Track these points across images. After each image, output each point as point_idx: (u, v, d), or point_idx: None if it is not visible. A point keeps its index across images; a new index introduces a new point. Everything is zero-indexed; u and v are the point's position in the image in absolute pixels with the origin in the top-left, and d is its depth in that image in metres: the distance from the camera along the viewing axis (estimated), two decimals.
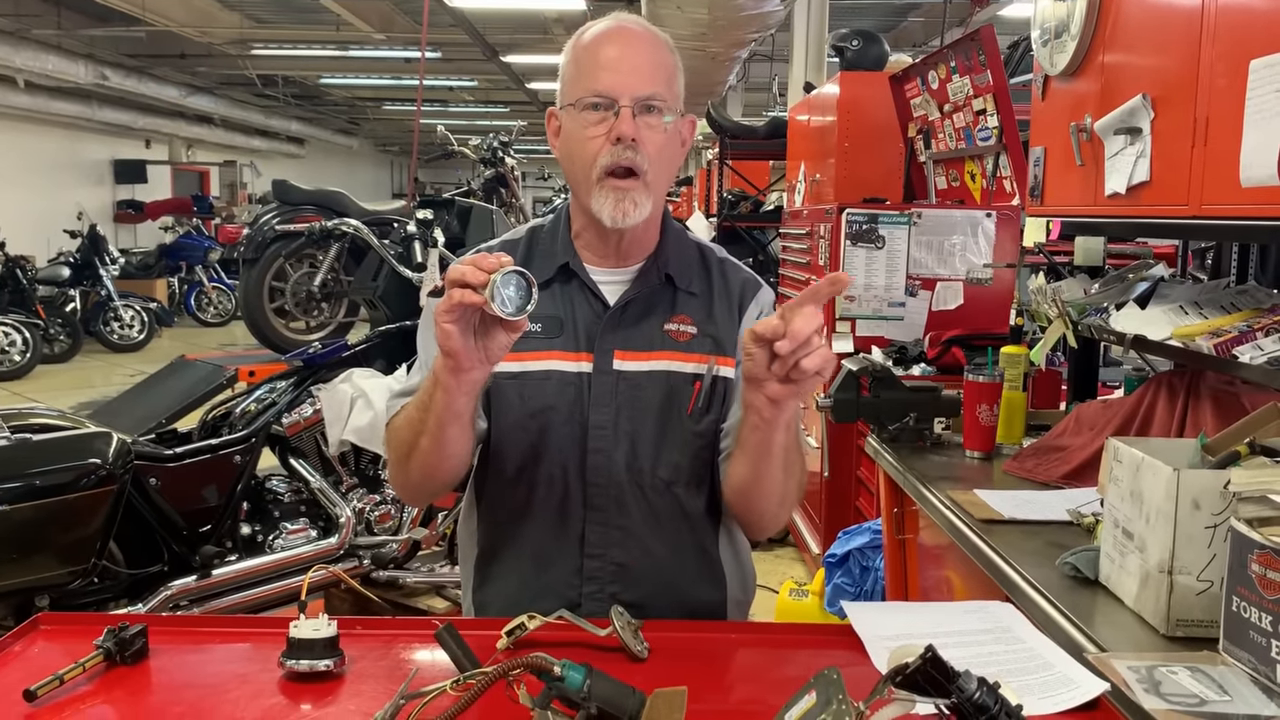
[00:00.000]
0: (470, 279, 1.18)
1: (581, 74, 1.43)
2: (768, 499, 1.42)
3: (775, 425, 1.27)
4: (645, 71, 1.41)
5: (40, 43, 11.50)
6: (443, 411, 1.30)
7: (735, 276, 1.55)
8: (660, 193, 1.46)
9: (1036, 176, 2.41)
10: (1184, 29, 1.76)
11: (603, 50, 1.43)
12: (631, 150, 1.39)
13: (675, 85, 1.46)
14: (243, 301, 4.78)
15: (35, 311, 10.13)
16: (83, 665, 1.11)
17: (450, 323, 1.20)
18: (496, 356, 1.25)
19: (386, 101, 19.46)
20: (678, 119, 1.45)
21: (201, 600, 3.05)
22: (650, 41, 1.46)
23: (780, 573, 4.41)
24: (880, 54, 4.96)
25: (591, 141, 1.40)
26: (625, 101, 1.39)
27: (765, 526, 1.50)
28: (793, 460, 1.38)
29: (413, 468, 1.40)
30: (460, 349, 1.22)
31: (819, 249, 4.17)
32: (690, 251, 1.54)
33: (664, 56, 1.46)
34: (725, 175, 7.72)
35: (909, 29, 11.62)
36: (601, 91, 1.40)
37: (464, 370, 1.24)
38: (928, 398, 2.40)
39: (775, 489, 1.40)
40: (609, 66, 1.41)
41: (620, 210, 1.40)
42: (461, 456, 1.41)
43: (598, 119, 1.40)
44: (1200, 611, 1.28)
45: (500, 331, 1.23)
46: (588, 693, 1.00)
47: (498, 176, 5.17)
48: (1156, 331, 1.96)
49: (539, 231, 1.56)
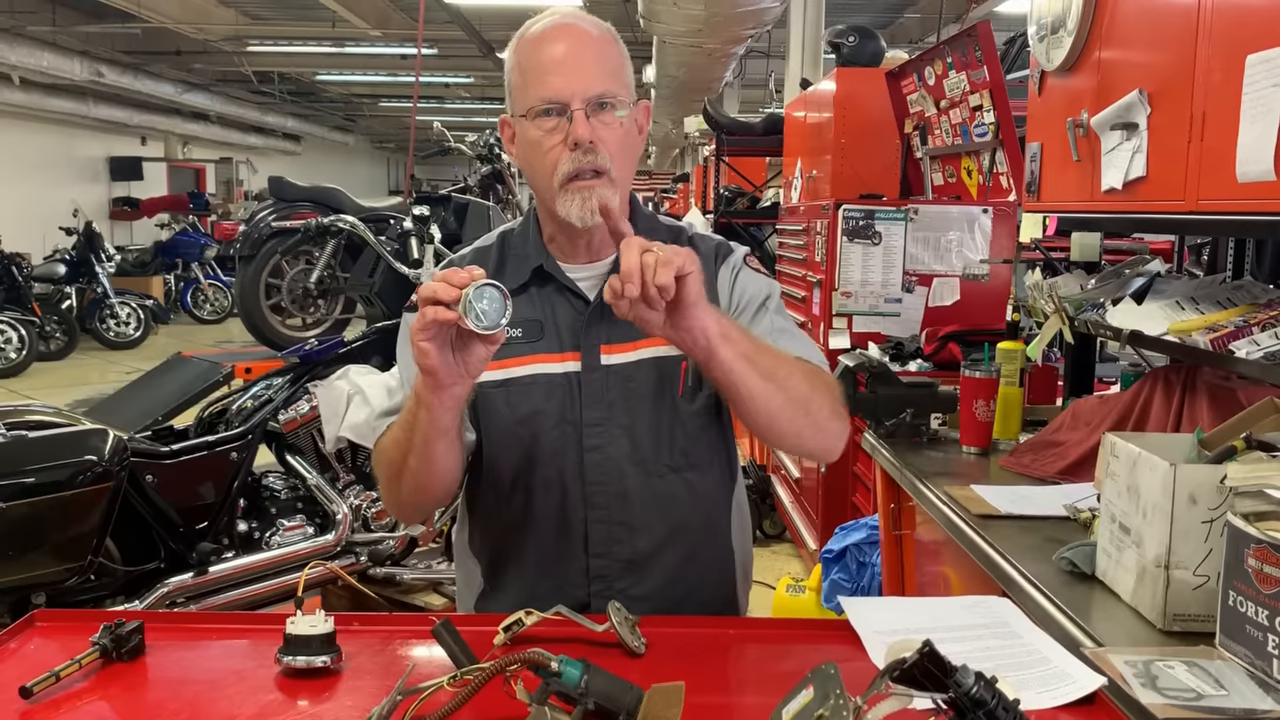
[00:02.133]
0: (442, 295, 1.16)
1: (529, 80, 1.41)
2: (786, 419, 1.32)
3: (714, 353, 1.21)
4: (592, 68, 1.39)
5: (35, 39, 11.47)
6: (428, 429, 1.28)
7: (706, 246, 1.52)
8: (625, 185, 1.44)
9: (1033, 172, 2.41)
10: (1180, 24, 1.76)
11: (546, 52, 1.40)
12: (592, 154, 1.37)
13: (624, 75, 1.44)
14: (239, 298, 4.77)
15: (31, 309, 10.12)
16: (79, 662, 1.11)
17: (426, 341, 1.18)
18: (477, 370, 1.24)
19: (382, 98, 19.44)
20: (631, 109, 1.43)
21: (198, 597, 3.05)
22: (593, 36, 1.43)
23: (777, 568, 4.41)
24: (877, 50, 4.95)
25: (550, 151, 1.39)
26: (577, 104, 1.37)
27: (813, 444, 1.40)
28: (774, 369, 1.29)
29: (404, 487, 1.39)
30: (439, 366, 1.20)
31: (816, 245, 4.17)
32: (661, 234, 1.51)
33: (609, 48, 1.44)
34: (722, 171, 7.72)
35: (905, 25, 11.61)
36: (551, 97, 1.38)
37: (444, 386, 1.23)
38: (924, 393, 2.40)
39: (778, 405, 1.30)
40: (555, 70, 1.39)
41: (588, 209, 1.38)
42: (452, 471, 1.40)
43: (552, 125, 1.38)
44: (1197, 606, 1.29)
45: (478, 345, 1.20)
46: (585, 688, 1.00)
47: (494, 173, 5.15)
48: (1153, 327, 1.96)
49: (510, 235, 1.55)
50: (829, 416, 1.37)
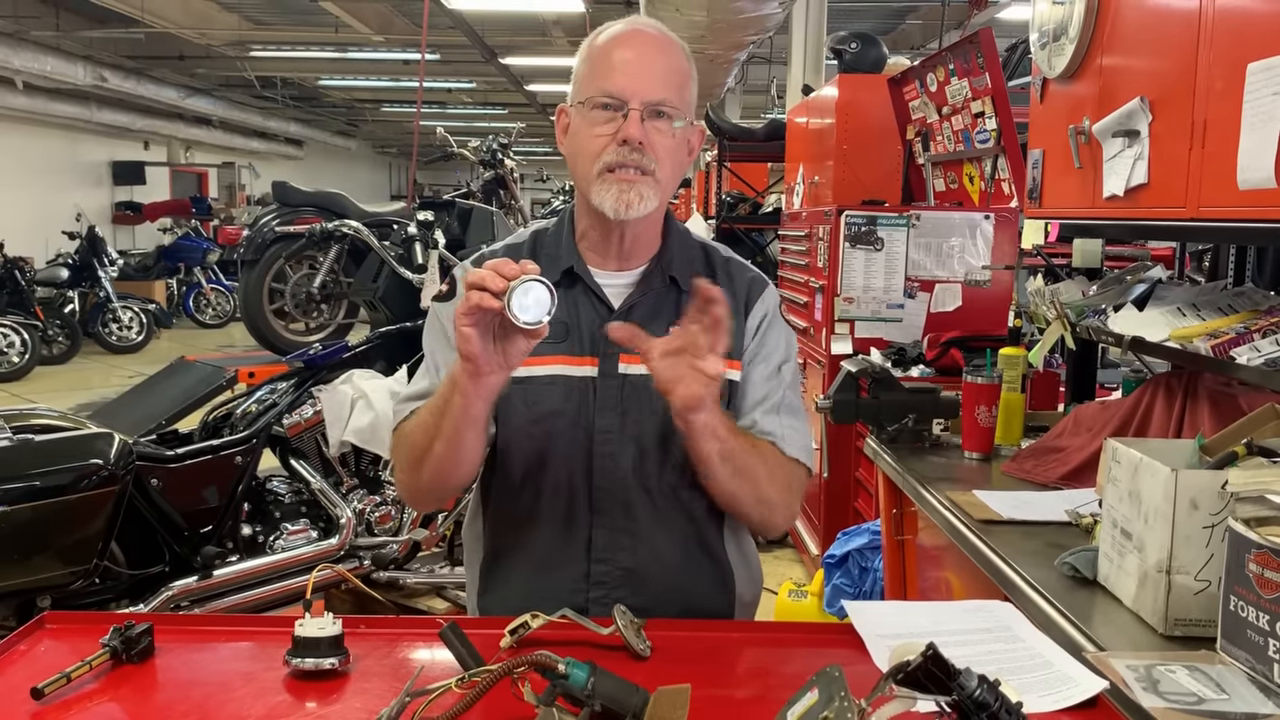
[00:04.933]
0: (490, 285, 1.18)
1: (594, 74, 1.43)
2: (741, 505, 1.45)
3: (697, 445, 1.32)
4: (658, 76, 1.42)
5: (39, 44, 11.49)
6: (459, 416, 1.30)
7: (741, 277, 1.55)
8: (667, 192, 1.46)
9: (1035, 179, 2.42)
10: (1182, 32, 1.77)
11: (616, 52, 1.43)
12: (638, 154, 1.39)
13: (687, 92, 1.46)
14: (242, 303, 4.78)
15: (34, 313, 10.13)
16: (89, 664, 1.12)
17: (469, 326, 1.20)
18: (515, 362, 1.26)
19: (385, 103, 19.45)
20: (687, 126, 1.45)
21: (202, 601, 3.05)
22: (665, 47, 1.45)
23: (779, 574, 4.42)
24: (879, 56, 4.97)
25: (597, 139, 1.41)
26: (635, 104, 1.39)
27: (756, 526, 1.53)
28: (746, 467, 1.38)
29: (425, 472, 1.40)
30: (479, 353, 1.22)
31: (818, 251, 4.18)
32: (694, 253, 1.54)
33: (678, 62, 1.46)
34: (724, 177, 7.73)
35: (907, 31, 11.62)
36: (612, 92, 1.40)
37: (482, 375, 1.25)
38: (926, 399, 2.41)
39: (735, 496, 1.42)
40: (621, 69, 1.41)
41: (624, 201, 1.39)
42: (474, 461, 1.42)
43: (606, 119, 1.40)
44: (1198, 611, 1.29)
45: (519, 337, 1.23)
46: (592, 690, 1.00)
47: (497, 178, 5.18)
48: (1154, 333, 1.97)
49: (543, 235, 1.56)
50: (781, 514, 1.49)
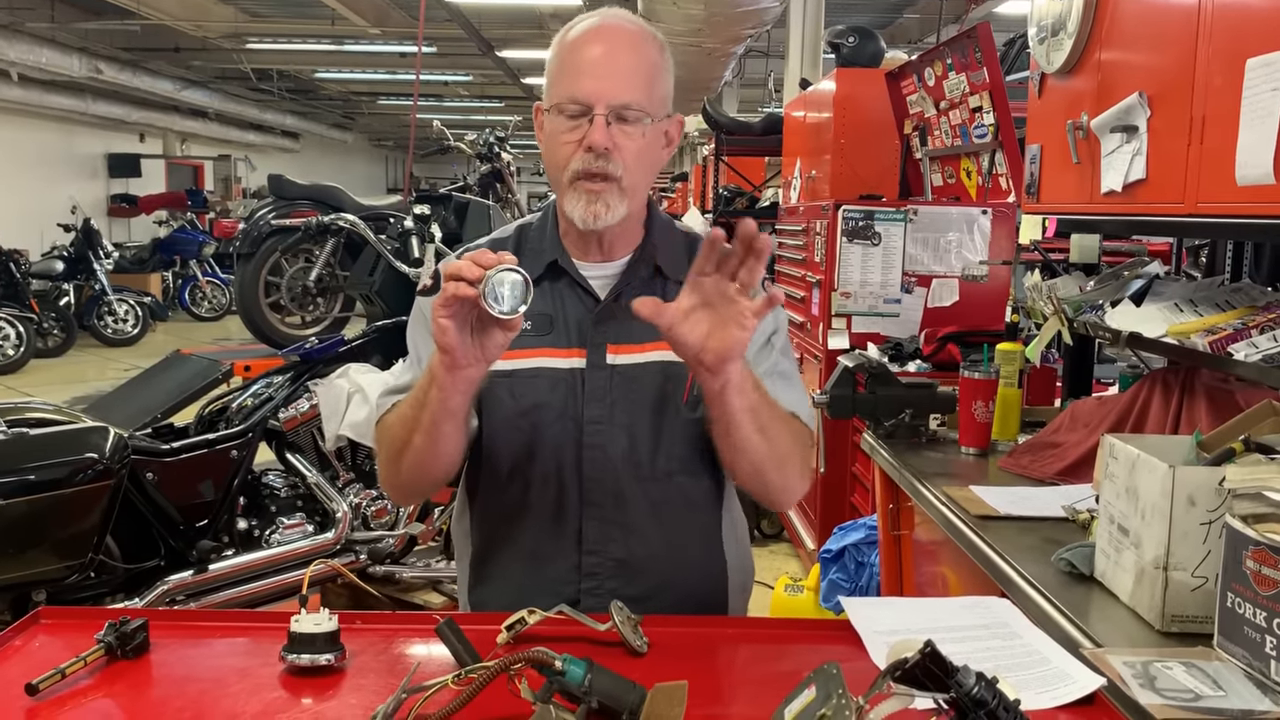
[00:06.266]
0: (467, 274, 1.18)
1: (562, 74, 1.42)
2: (760, 463, 1.39)
3: (726, 401, 1.28)
4: (624, 77, 1.40)
5: (34, 36, 11.44)
6: (438, 409, 1.30)
7: None
8: (639, 194, 1.45)
9: (1032, 174, 2.42)
10: (1181, 27, 1.77)
11: (584, 51, 1.41)
12: (604, 160, 1.38)
13: (659, 87, 1.44)
14: (238, 296, 4.76)
15: (29, 305, 10.11)
16: (84, 659, 1.11)
17: (446, 318, 1.20)
18: (493, 355, 1.25)
19: (381, 96, 19.42)
20: (660, 122, 1.44)
21: (198, 595, 3.05)
22: (635, 42, 1.43)
23: (775, 568, 4.42)
24: (876, 50, 4.96)
25: (565, 146, 1.40)
26: (600, 109, 1.37)
27: (775, 497, 1.47)
28: (769, 424, 1.34)
29: (405, 465, 1.40)
30: (456, 345, 1.22)
31: (815, 245, 4.17)
32: (678, 241, 1.53)
33: (648, 57, 1.43)
34: (721, 171, 7.72)
35: (905, 25, 11.61)
36: (578, 98, 1.38)
37: (460, 367, 1.24)
38: (923, 394, 2.41)
39: (761, 458, 1.37)
40: (588, 71, 1.39)
41: (591, 212, 1.39)
42: (454, 455, 1.41)
43: (572, 126, 1.39)
44: (1195, 607, 1.29)
45: (497, 330, 1.22)
46: (589, 687, 1.00)
47: (494, 172, 5.16)
48: (1151, 329, 1.97)
49: (528, 229, 1.56)
50: (798, 477, 1.46)
